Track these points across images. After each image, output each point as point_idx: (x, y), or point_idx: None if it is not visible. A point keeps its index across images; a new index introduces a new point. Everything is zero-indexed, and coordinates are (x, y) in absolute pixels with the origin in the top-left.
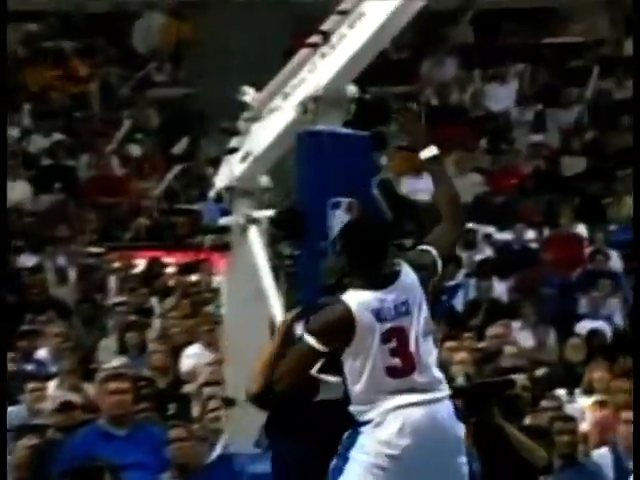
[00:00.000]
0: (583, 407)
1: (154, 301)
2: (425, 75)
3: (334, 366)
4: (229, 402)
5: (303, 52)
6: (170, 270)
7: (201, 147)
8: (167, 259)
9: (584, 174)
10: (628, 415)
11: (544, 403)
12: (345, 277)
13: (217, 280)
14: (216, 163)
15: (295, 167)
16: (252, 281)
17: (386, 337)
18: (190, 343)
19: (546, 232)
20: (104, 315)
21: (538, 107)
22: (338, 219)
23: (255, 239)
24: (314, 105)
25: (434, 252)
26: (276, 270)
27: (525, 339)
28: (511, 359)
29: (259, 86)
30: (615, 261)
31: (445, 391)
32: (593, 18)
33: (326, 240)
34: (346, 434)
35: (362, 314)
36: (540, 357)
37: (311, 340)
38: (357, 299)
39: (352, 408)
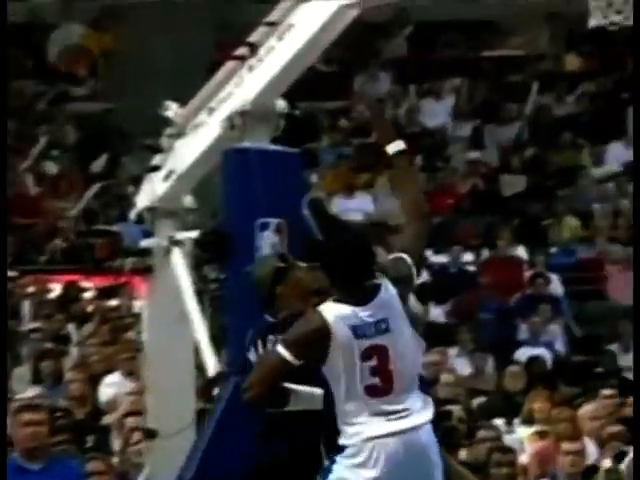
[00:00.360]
0: (522, 438)
1: (71, 327)
2: (358, 90)
3: (311, 378)
4: (150, 434)
5: (229, 65)
6: (88, 295)
7: (121, 165)
8: (85, 283)
9: (524, 193)
10: (569, 446)
11: (481, 434)
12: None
13: (138, 305)
14: (137, 182)
15: (221, 186)
16: (175, 306)
17: (366, 355)
18: (109, 371)
19: (484, 255)
20: (18, 342)
21: (476, 123)
22: (266, 240)
23: (178, 262)
24: (241, 121)
25: (409, 260)
26: (200, 294)
27: (462, 367)
28: (447, 388)
29: (183, 101)
30: (556, 285)
31: (426, 414)
32: (533, 32)
33: (253, 262)
34: (325, 463)
35: (339, 328)
36: (478, 386)
37: (284, 352)
38: (334, 312)
39: (339, 423)
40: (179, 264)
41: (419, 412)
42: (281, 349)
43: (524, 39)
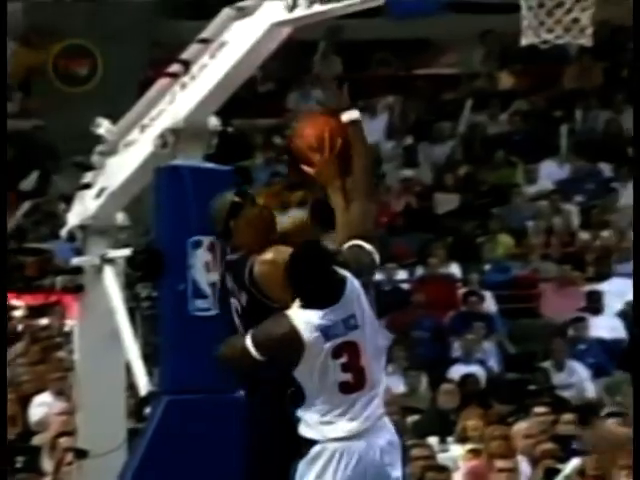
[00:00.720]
0: (456, 456)
1: None
2: (291, 108)
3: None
4: (81, 454)
5: (162, 82)
6: (18, 313)
7: (52, 182)
8: (15, 302)
9: (457, 211)
10: (502, 464)
11: (415, 452)
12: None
13: (69, 324)
14: (68, 200)
15: (153, 204)
16: (106, 325)
17: (337, 352)
18: (40, 391)
19: (418, 273)
20: None
21: (409, 141)
22: (199, 258)
23: (110, 280)
24: (173, 138)
25: (367, 246)
26: (132, 313)
27: (396, 385)
28: None
29: (115, 118)
30: (489, 303)
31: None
32: (466, 50)
33: (186, 281)
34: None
35: (309, 334)
36: (411, 404)
37: (251, 347)
38: (304, 318)
39: (306, 415)
40: (111, 283)
41: (383, 415)
42: (249, 343)
43: (457, 57)
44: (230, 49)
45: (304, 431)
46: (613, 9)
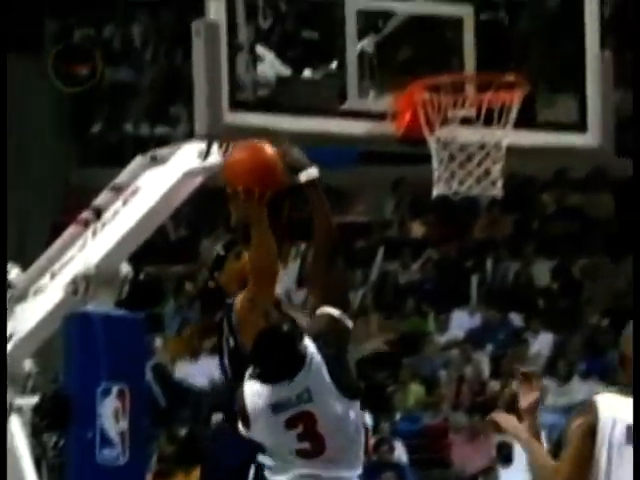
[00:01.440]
0: None
1: None
2: (204, 254)
3: None
4: None
5: (73, 229)
6: None
7: None
8: None
9: (369, 360)
10: None
11: None
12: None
13: None
14: None
15: (63, 350)
16: (12, 475)
17: (291, 423)
18: None
19: None
20: None
21: None
22: (108, 406)
23: (16, 430)
24: (85, 285)
25: (335, 313)
26: (39, 462)
27: None
28: None
29: (25, 264)
30: (400, 452)
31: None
32: (378, 199)
33: (94, 429)
34: None
35: (256, 406)
36: None
37: None
38: (252, 390)
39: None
40: (17, 432)
41: (352, 468)
42: None
43: (369, 206)
44: (143, 196)
45: (268, 474)
46: (522, 162)
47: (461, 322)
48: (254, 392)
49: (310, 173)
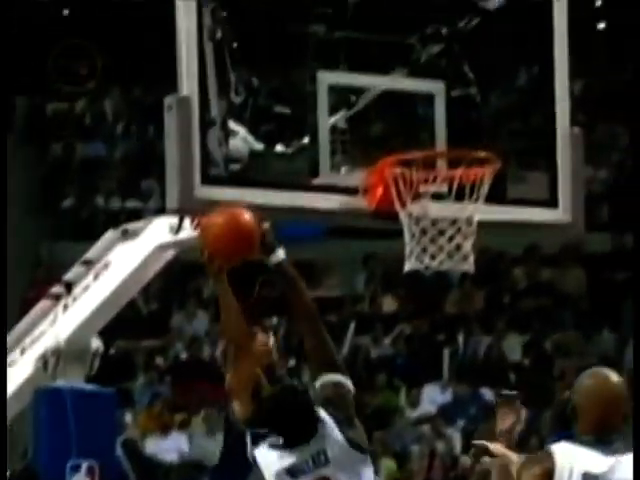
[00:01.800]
0: None
1: None
2: (175, 328)
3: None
4: None
5: (43, 303)
6: None
7: None
8: None
9: None
10: None
11: None
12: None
13: None
14: None
15: (33, 425)
16: None
17: None
18: None
19: None
20: None
21: (292, 363)
22: None
23: None
24: (55, 360)
25: (336, 379)
26: None
27: None
28: None
29: None
30: None
31: None
32: (349, 273)
33: None
34: None
35: (273, 472)
36: None
37: None
38: (267, 457)
39: None
40: None
41: None
42: None
43: (340, 280)
44: (114, 271)
45: None
46: (493, 237)
47: (433, 397)
48: (269, 463)
49: (278, 256)
